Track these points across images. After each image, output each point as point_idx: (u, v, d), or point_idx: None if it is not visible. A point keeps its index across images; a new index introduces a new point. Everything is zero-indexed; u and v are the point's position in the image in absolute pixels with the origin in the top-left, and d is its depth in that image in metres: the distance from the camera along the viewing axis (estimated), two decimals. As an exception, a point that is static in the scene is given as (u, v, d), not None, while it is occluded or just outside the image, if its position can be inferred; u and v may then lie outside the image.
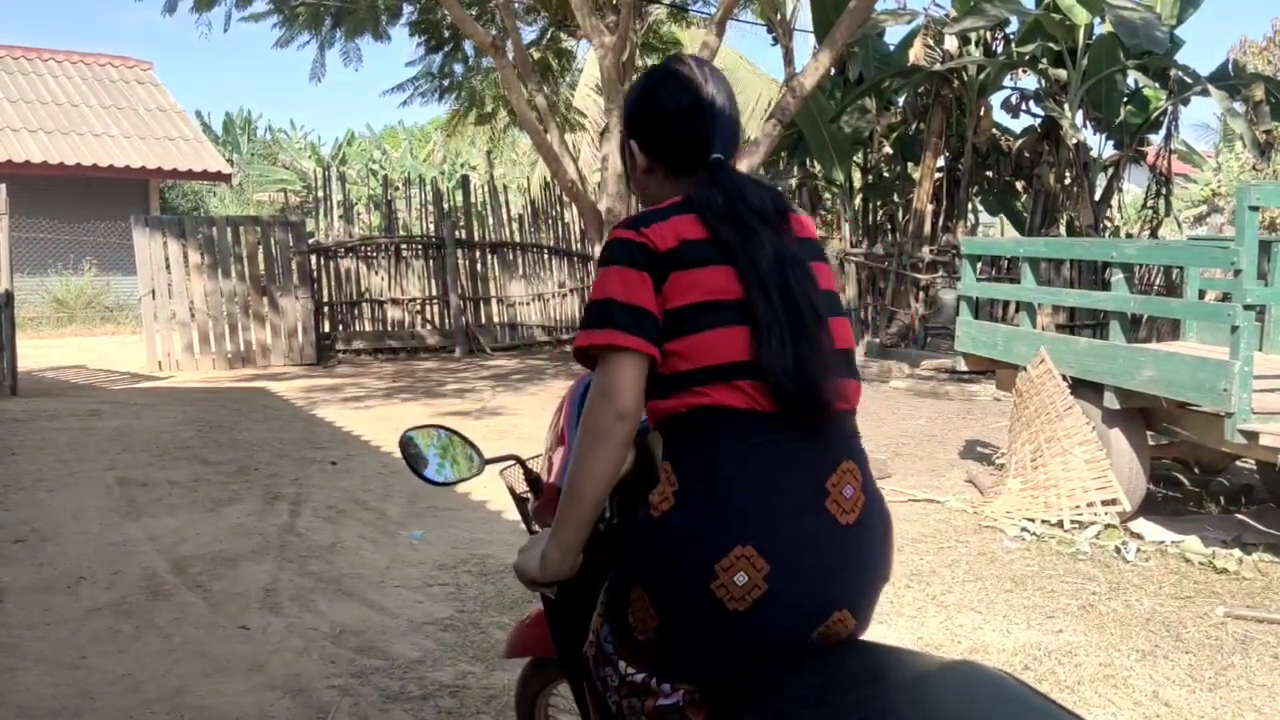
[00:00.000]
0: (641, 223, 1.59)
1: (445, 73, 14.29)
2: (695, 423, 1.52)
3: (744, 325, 1.52)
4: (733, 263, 1.55)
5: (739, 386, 1.50)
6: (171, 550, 4.77)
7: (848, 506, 1.53)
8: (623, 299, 1.52)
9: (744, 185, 1.63)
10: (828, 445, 1.55)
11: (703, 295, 1.53)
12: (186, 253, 11.75)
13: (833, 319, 1.62)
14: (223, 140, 29.55)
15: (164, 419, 8.21)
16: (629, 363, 1.50)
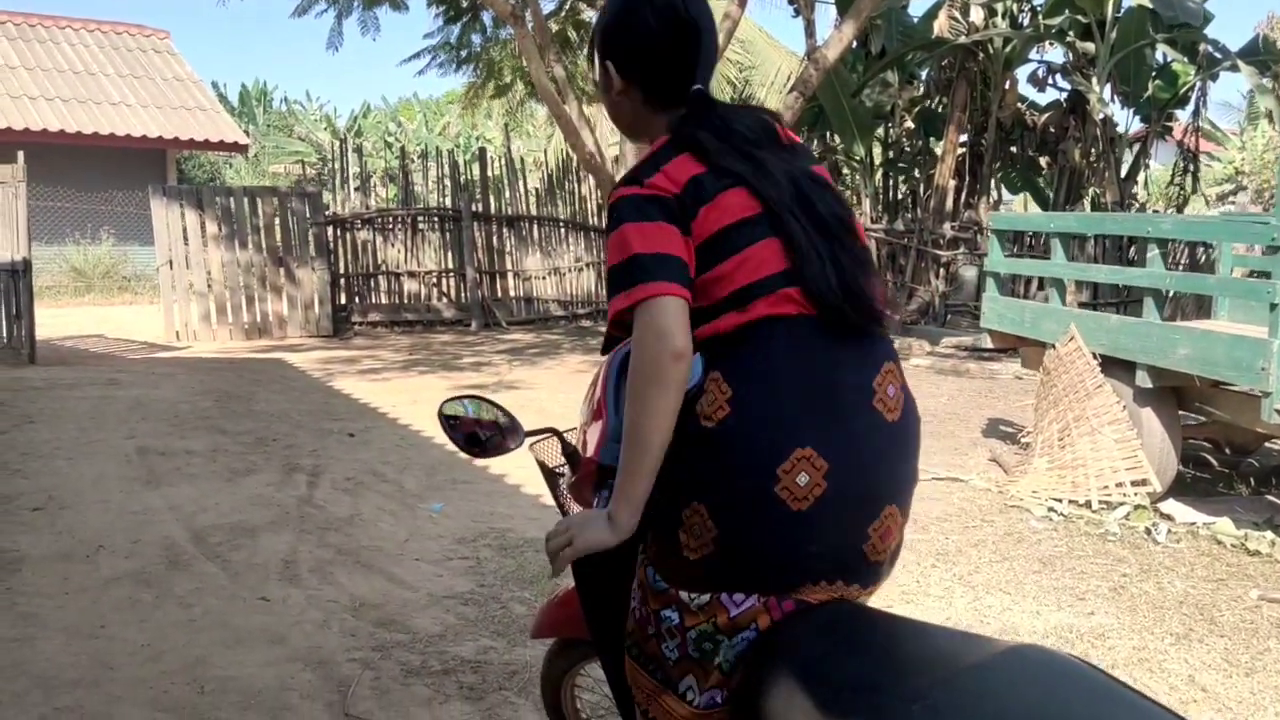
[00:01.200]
0: (642, 174, 1.55)
1: (463, 43, 14.14)
2: (745, 335, 1.50)
3: (776, 236, 1.52)
4: (744, 184, 1.53)
5: (786, 295, 1.50)
6: (191, 520, 4.74)
7: (892, 405, 1.54)
8: (647, 250, 1.48)
9: (731, 117, 1.60)
10: (871, 347, 1.56)
11: (729, 218, 1.52)
12: (204, 223, 11.71)
13: (855, 217, 1.65)
14: (239, 111, 29.47)
15: (182, 389, 8.18)
16: (673, 304, 1.46)
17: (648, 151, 1.60)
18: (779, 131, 1.64)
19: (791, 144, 1.66)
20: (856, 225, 1.63)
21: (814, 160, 1.69)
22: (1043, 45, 13.92)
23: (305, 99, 33.34)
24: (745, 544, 1.47)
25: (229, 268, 11.78)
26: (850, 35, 10.49)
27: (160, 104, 17.37)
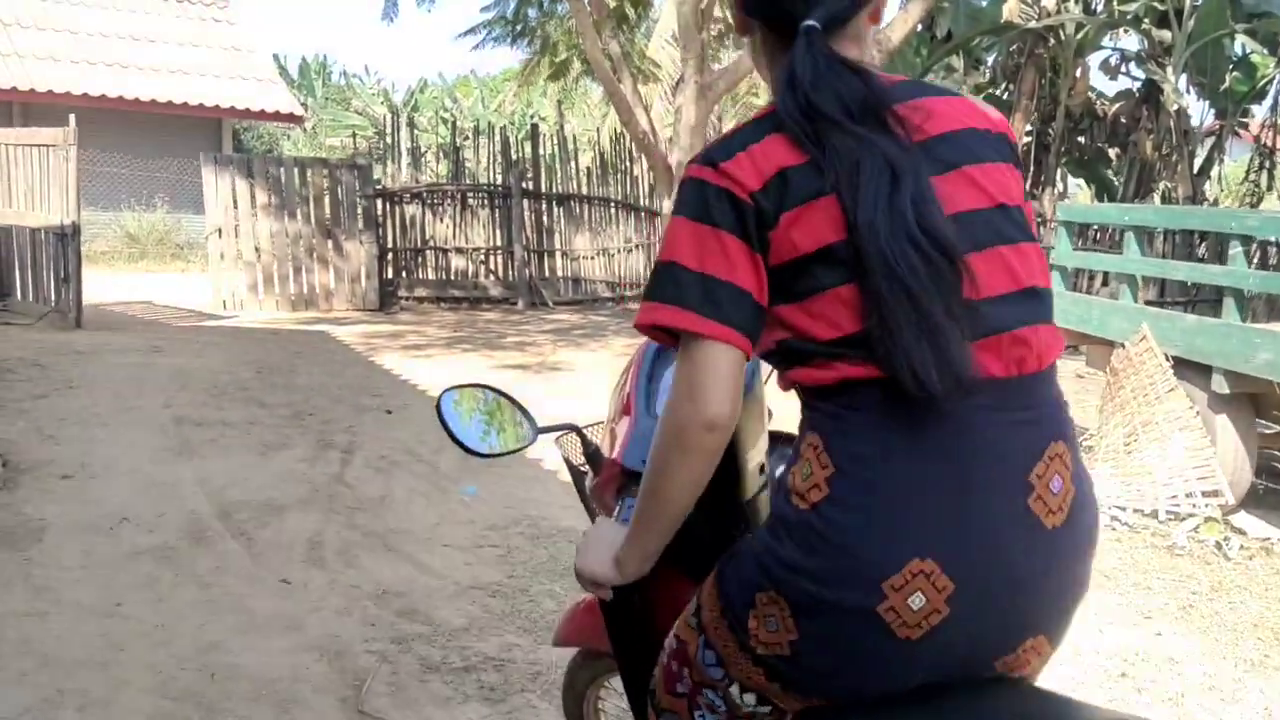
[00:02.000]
0: (720, 154, 1.21)
1: (519, 17, 13.98)
2: (855, 395, 1.17)
3: (853, 283, 1.19)
4: (836, 193, 1.18)
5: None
6: (219, 494, 4.63)
7: (1055, 504, 1.18)
8: (693, 266, 1.18)
9: (823, 69, 1.21)
10: (1033, 423, 1.19)
11: (811, 242, 1.17)
12: (254, 192, 11.67)
13: (1003, 247, 1.22)
14: (298, 84, 29.61)
15: (224, 358, 8.13)
16: (721, 355, 1.16)
17: (751, 117, 1.28)
18: (900, 110, 1.21)
19: (928, 124, 1.24)
20: (1012, 254, 1.21)
21: (966, 155, 1.24)
22: (1116, 32, 13.41)
23: (364, 74, 33.45)
24: (828, 665, 1.19)
25: (277, 238, 11.74)
26: (916, 17, 10.15)
27: (218, 73, 17.42)
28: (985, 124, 1.28)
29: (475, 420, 1.45)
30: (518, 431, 1.47)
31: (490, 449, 1.45)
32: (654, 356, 1.59)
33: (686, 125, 10.92)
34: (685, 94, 10.93)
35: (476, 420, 1.45)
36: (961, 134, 1.26)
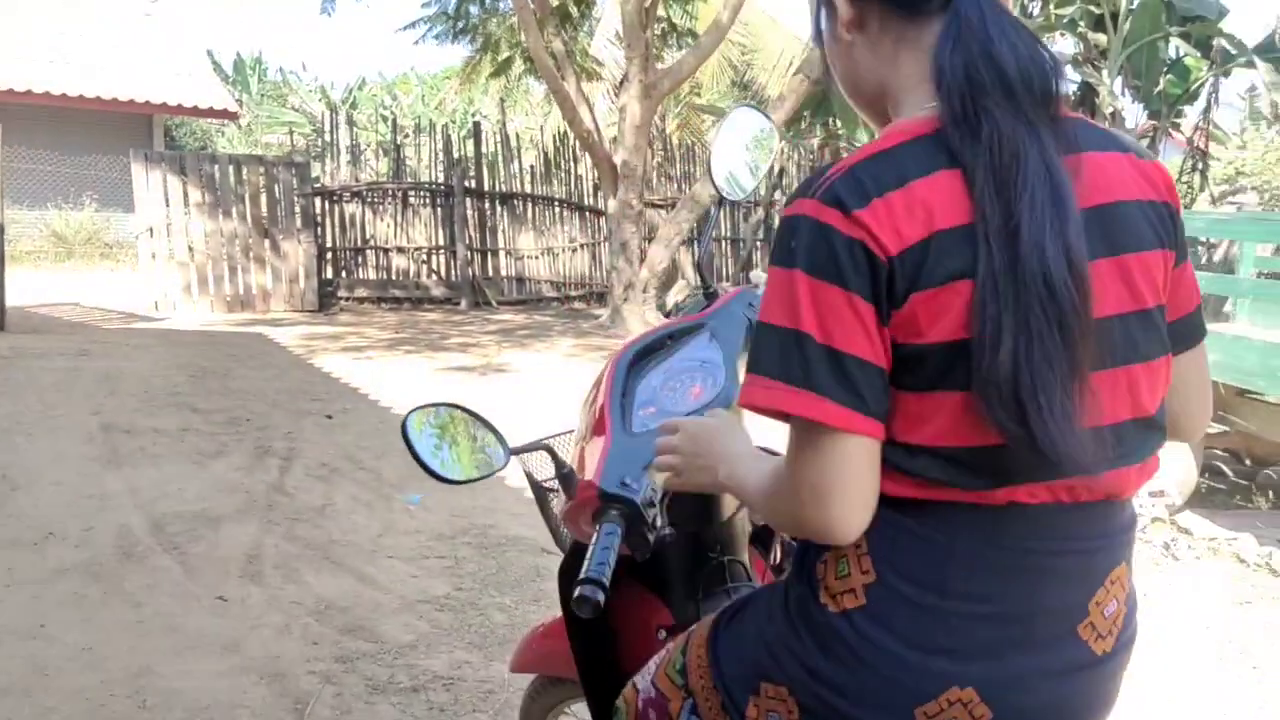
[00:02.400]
0: (852, 195, 0.96)
1: (461, 13, 13.78)
2: (920, 510, 1.02)
3: (964, 390, 0.99)
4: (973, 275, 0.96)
5: (989, 486, 1.01)
6: (151, 506, 4.44)
7: (1105, 629, 1.07)
8: (822, 340, 0.96)
9: (1001, 25, 1.00)
10: (1104, 550, 1.06)
11: (950, 332, 0.96)
12: (187, 190, 11.34)
13: (1137, 365, 1.03)
14: (232, 80, 28.96)
15: (156, 362, 7.85)
16: (857, 451, 0.98)
17: (881, 138, 1.02)
18: (1064, 111, 1.01)
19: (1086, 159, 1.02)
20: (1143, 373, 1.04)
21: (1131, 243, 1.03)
22: (1053, 35, 13.59)
23: (301, 70, 32.85)
24: None
25: (212, 237, 11.42)
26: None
27: (149, 68, 16.95)
28: (1151, 192, 1.06)
29: (443, 443, 1.34)
30: (489, 453, 1.36)
31: (460, 474, 1.33)
32: (627, 369, 1.50)
33: (631, 124, 10.84)
34: (629, 93, 10.84)
35: (444, 443, 1.34)
36: (1127, 208, 1.04)
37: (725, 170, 1.73)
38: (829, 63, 1.17)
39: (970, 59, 0.99)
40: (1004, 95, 0.98)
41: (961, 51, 0.99)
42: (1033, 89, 0.99)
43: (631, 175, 10.94)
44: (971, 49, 0.99)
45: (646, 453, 1.37)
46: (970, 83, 0.98)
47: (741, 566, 1.57)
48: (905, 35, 1.07)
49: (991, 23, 1.00)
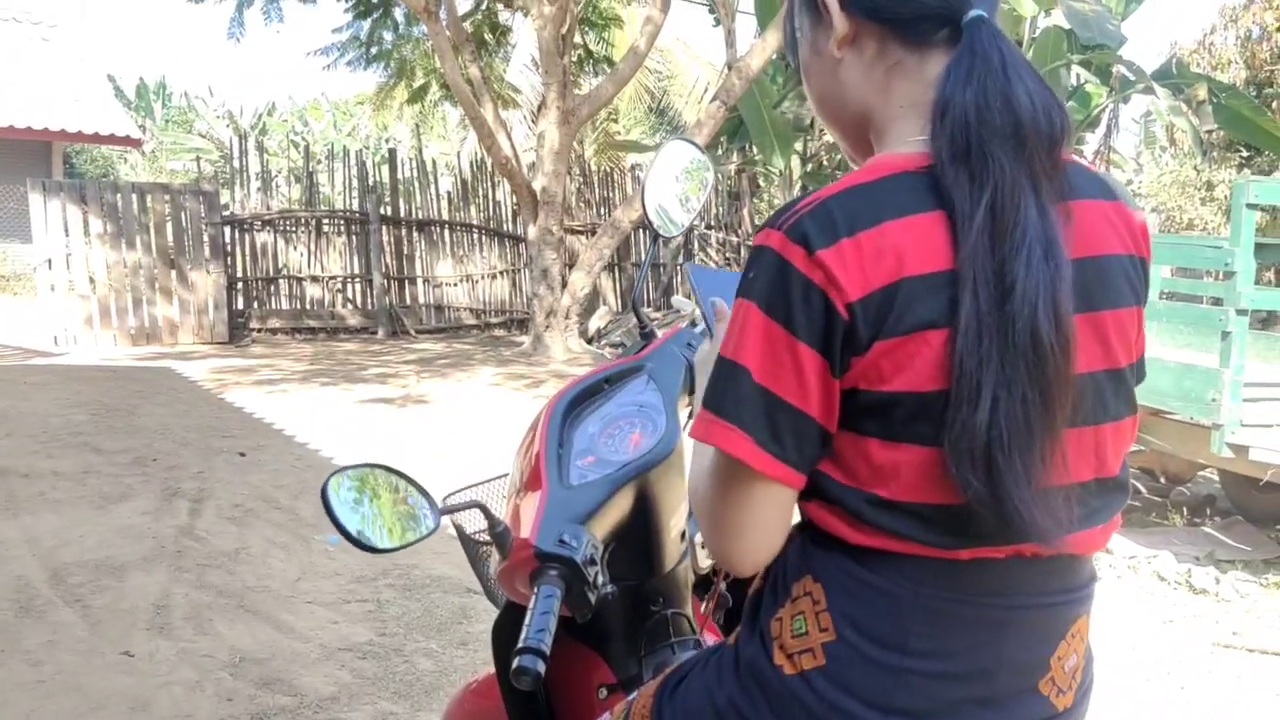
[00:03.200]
0: (818, 232, 0.92)
1: (374, 39, 13.60)
2: (882, 563, 0.97)
3: (936, 446, 0.95)
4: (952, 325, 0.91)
5: (955, 545, 0.96)
6: (50, 556, 4.20)
7: (1066, 683, 1.03)
8: (759, 378, 0.93)
9: (1018, 68, 0.94)
10: (1067, 604, 1.02)
11: (914, 384, 0.91)
12: (88, 220, 10.93)
13: (1106, 425, 0.99)
14: (135, 106, 28.19)
15: (55, 400, 7.50)
16: (768, 495, 0.96)
17: (863, 170, 0.97)
18: (1065, 159, 0.96)
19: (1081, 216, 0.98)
20: (1110, 433, 1.00)
21: (1108, 300, 0.99)
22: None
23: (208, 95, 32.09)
24: None
25: (115, 268, 11.01)
26: (774, 45, 10.29)
27: (46, 94, 16.34)
28: (1128, 245, 1.02)
29: (367, 508, 1.24)
30: (417, 515, 1.27)
31: (387, 541, 1.24)
32: (563, 415, 1.43)
33: (550, 151, 10.79)
34: (548, 119, 10.80)
35: (368, 508, 1.25)
36: (1109, 263, 0.99)
37: (657, 206, 1.68)
38: (805, 78, 1.11)
39: (984, 99, 0.93)
40: (1015, 142, 0.92)
41: (974, 88, 0.93)
42: (1043, 139, 0.93)
43: (551, 202, 10.88)
44: (987, 89, 0.93)
45: (585, 506, 1.29)
46: (981, 124, 0.92)
47: (685, 619, 1.50)
48: (904, 63, 1.02)
49: (1010, 64, 0.95)
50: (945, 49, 0.99)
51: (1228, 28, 15.51)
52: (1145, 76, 11.78)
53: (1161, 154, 20.37)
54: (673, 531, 1.43)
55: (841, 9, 1.02)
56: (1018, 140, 0.92)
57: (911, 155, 0.97)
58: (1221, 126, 12.26)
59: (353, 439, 6.62)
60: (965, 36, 0.97)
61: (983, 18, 0.97)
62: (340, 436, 6.66)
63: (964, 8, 0.98)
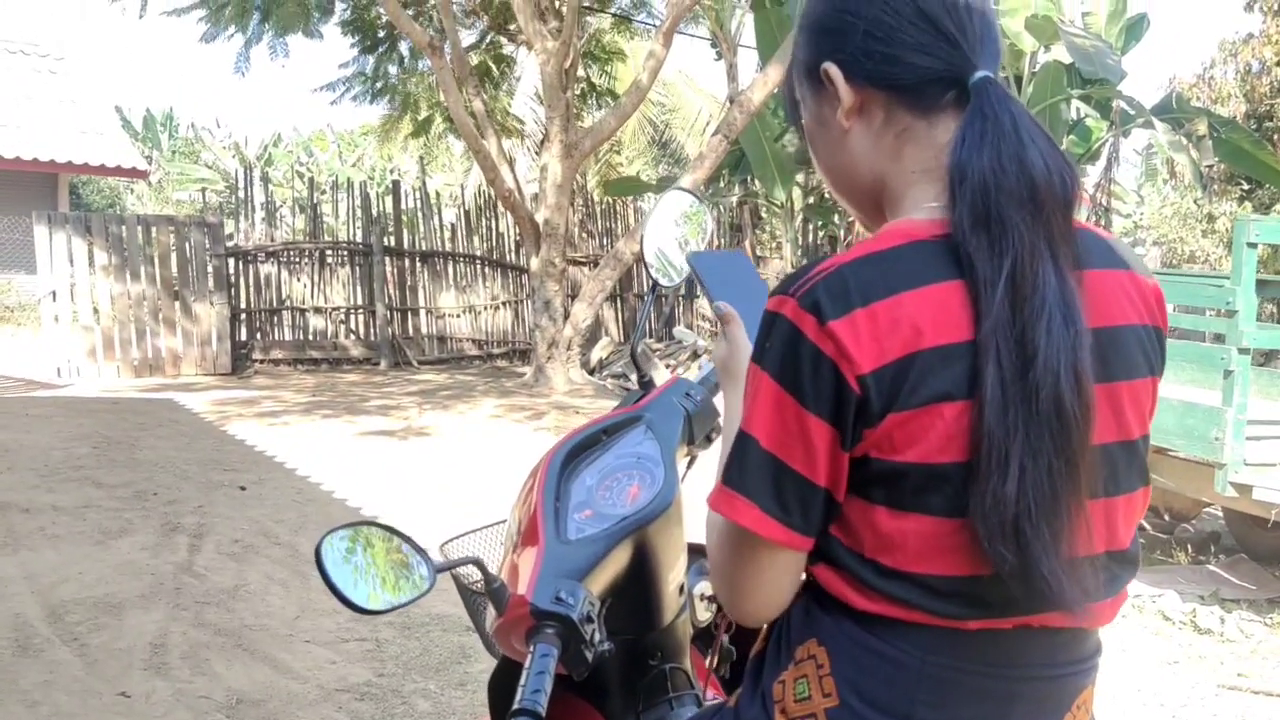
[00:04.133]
0: (831, 301, 0.91)
1: (379, 74, 13.71)
2: (890, 631, 0.96)
3: (961, 517, 0.94)
4: (975, 398, 0.90)
5: (963, 616, 0.95)
6: (49, 593, 4.18)
7: None
8: (767, 445, 0.94)
9: (1030, 130, 0.94)
10: (1074, 675, 1.01)
11: (926, 455, 0.91)
12: (93, 252, 10.98)
13: (1119, 498, 0.99)
14: (142, 137, 28.42)
15: (57, 433, 7.50)
16: (773, 559, 0.97)
17: (877, 238, 0.97)
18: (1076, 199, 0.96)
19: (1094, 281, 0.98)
20: (1122, 505, 0.99)
21: (1124, 371, 0.99)
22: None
23: (214, 126, 32.35)
24: None
25: (119, 300, 11.04)
26: (775, 80, 10.35)
27: (53, 126, 16.47)
28: (1146, 315, 1.02)
29: (361, 568, 1.23)
30: (413, 575, 1.26)
31: (381, 603, 1.23)
32: (560, 468, 1.42)
33: (553, 183, 10.84)
34: (551, 152, 10.86)
35: (362, 568, 1.24)
36: (1124, 333, 0.99)
37: (656, 250, 1.68)
38: (812, 150, 1.10)
39: (999, 164, 0.92)
40: (1032, 207, 0.92)
41: (989, 153, 0.93)
42: (1058, 201, 0.93)
43: (554, 233, 10.92)
44: (1001, 151, 0.92)
45: (582, 561, 1.29)
46: (998, 188, 0.91)
47: (684, 674, 1.48)
48: (913, 129, 1.01)
49: (1022, 127, 0.94)
50: (954, 112, 0.98)
51: (1227, 62, 15.60)
52: (1145, 111, 11.84)
53: (1163, 186, 20.45)
54: (671, 585, 1.42)
55: (846, 80, 1.01)
56: (1034, 204, 0.92)
57: (926, 222, 0.96)
58: (1222, 160, 12.32)
59: (354, 473, 6.61)
60: (974, 99, 0.96)
61: (989, 78, 0.97)
62: (341, 470, 6.65)
63: (969, 69, 0.98)
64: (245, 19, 12.12)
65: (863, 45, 1.00)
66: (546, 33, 10.73)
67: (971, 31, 0.98)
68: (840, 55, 1.01)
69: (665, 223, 1.71)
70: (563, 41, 10.68)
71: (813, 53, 1.05)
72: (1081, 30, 11.78)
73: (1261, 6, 14.87)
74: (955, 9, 0.99)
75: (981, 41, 0.99)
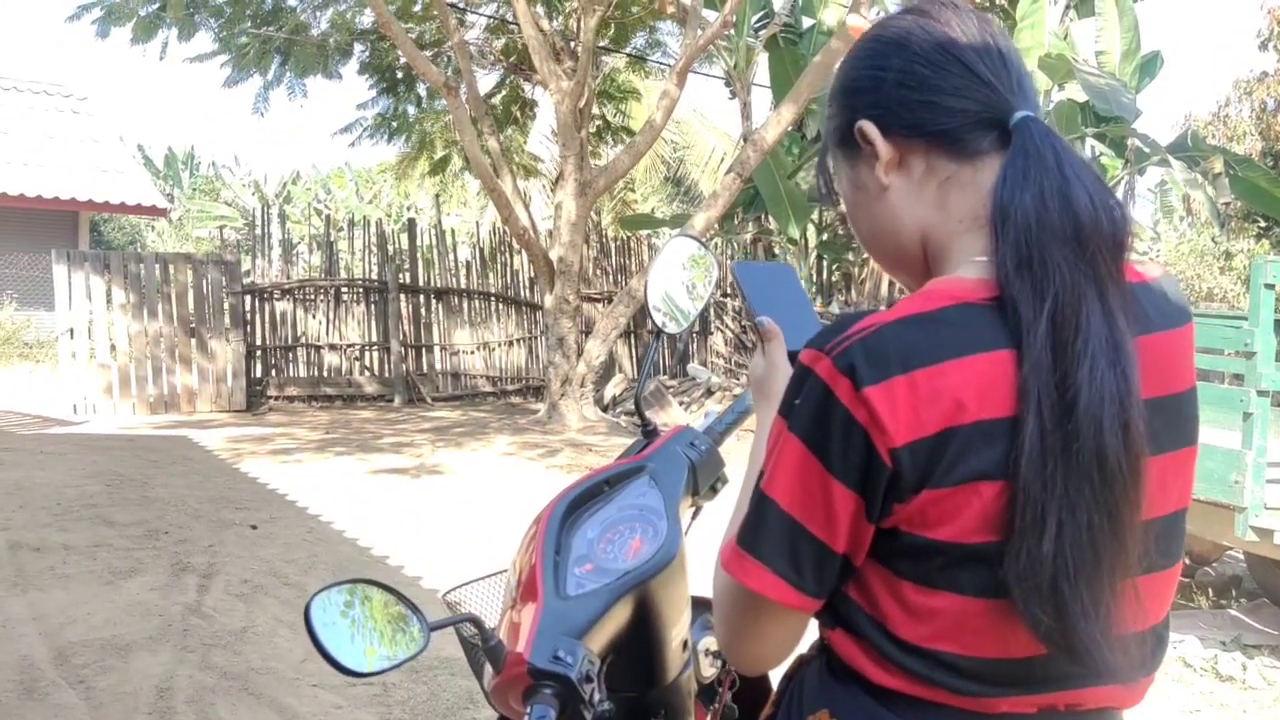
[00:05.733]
0: (867, 365, 0.86)
1: (396, 114, 13.85)
2: (900, 703, 0.93)
3: (1001, 599, 0.88)
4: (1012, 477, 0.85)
5: (988, 695, 0.91)
6: (56, 634, 4.16)
7: None
8: (786, 507, 0.90)
9: (1074, 165, 0.90)
10: None
11: (960, 534, 0.87)
12: (111, 290, 11.07)
13: (1158, 574, 0.94)
14: (163, 175, 28.78)
15: (71, 471, 7.52)
16: (780, 619, 0.95)
17: (923, 296, 0.91)
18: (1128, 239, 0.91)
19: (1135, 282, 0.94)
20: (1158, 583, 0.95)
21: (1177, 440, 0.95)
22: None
23: (234, 164, 32.71)
24: None
25: (136, 338, 11.11)
26: (789, 119, 10.41)
27: (75, 165, 16.68)
28: (1192, 376, 0.98)
29: (353, 628, 1.21)
30: (406, 634, 1.23)
31: (373, 664, 1.20)
32: (561, 521, 1.39)
33: (567, 221, 10.88)
34: (565, 190, 10.91)
35: (355, 628, 1.21)
36: (1178, 401, 0.95)
37: (663, 295, 1.67)
38: (852, 219, 1.06)
39: (1041, 200, 0.88)
40: (1076, 245, 0.87)
41: (1032, 190, 0.88)
42: (1105, 240, 0.88)
43: (568, 271, 10.95)
44: (1044, 188, 0.88)
45: (582, 618, 1.26)
46: (1041, 226, 0.87)
47: (687, 732, 1.45)
48: (956, 176, 0.97)
49: (1066, 162, 0.90)
50: (997, 155, 0.95)
51: (1242, 100, 15.61)
52: (1160, 149, 11.84)
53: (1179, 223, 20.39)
54: (674, 641, 1.39)
55: (883, 134, 0.98)
56: (1079, 242, 0.87)
57: (975, 282, 0.91)
58: (1238, 198, 12.28)
59: (366, 511, 6.58)
60: (1016, 137, 0.92)
61: (1031, 116, 0.94)
62: (353, 508, 6.63)
63: (1009, 109, 0.94)
64: (265, 61, 12.28)
65: (897, 95, 0.97)
66: (561, 72, 10.83)
67: (1006, 74, 0.96)
68: (874, 111, 0.99)
69: (671, 268, 1.70)
70: (577, 81, 10.77)
71: (846, 116, 1.02)
72: (1095, 69, 11.80)
73: (1276, 45, 14.89)
74: (988, 53, 0.96)
75: (1019, 83, 0.96)
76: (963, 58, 0.95)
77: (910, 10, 1.01)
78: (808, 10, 13.72)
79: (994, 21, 1.01)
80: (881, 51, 0.99)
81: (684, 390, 12.80)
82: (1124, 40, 12.53)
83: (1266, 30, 14.81)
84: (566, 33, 12.27)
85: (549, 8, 12.47)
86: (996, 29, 0.99)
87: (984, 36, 0.97)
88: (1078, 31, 12.81)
